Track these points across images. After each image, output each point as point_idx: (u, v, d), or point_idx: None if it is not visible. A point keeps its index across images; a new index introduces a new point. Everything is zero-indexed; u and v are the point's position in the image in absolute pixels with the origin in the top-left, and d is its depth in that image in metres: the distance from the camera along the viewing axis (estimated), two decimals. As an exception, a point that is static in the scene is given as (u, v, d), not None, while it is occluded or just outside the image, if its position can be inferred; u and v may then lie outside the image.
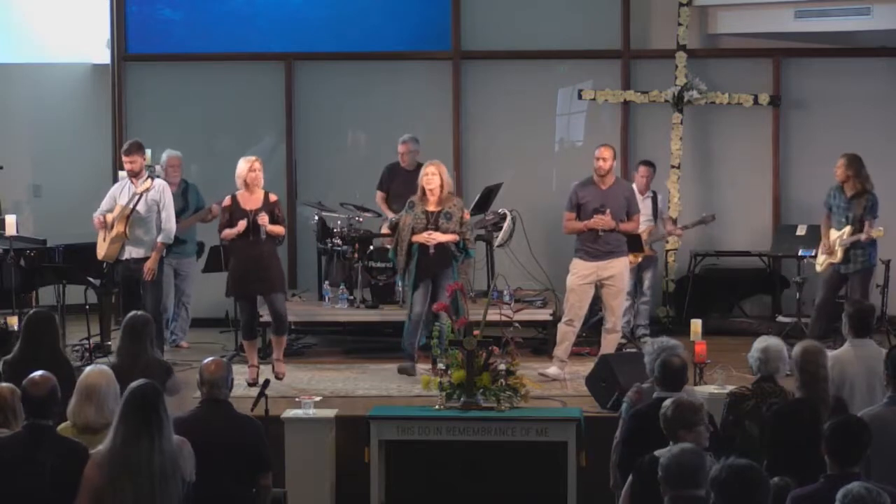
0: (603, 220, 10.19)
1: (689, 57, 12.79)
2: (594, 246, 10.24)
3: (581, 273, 10.27)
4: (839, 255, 10.67)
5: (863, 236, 10.59)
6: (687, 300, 12.52)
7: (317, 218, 11.96)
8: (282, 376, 10.12)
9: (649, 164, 12.08)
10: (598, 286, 10.29)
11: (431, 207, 10.22)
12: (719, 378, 9.11)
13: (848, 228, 10.65)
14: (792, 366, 7.00)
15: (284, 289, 10.32)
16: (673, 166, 12.74)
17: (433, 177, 10.19)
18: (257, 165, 10.07)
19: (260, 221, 9.91)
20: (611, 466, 7.38)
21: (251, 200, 10.03)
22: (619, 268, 10.30)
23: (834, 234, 10.77)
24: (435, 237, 10.14)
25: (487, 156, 13.17)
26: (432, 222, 10.18)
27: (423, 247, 10.15)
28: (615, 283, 10.27)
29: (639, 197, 11.57)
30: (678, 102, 12.71)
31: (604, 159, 10.27)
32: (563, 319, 10.37)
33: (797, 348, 7.01)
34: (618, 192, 10.35)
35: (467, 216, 10.43)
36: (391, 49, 13.18)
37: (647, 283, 11.88)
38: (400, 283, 11.13)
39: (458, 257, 10.24)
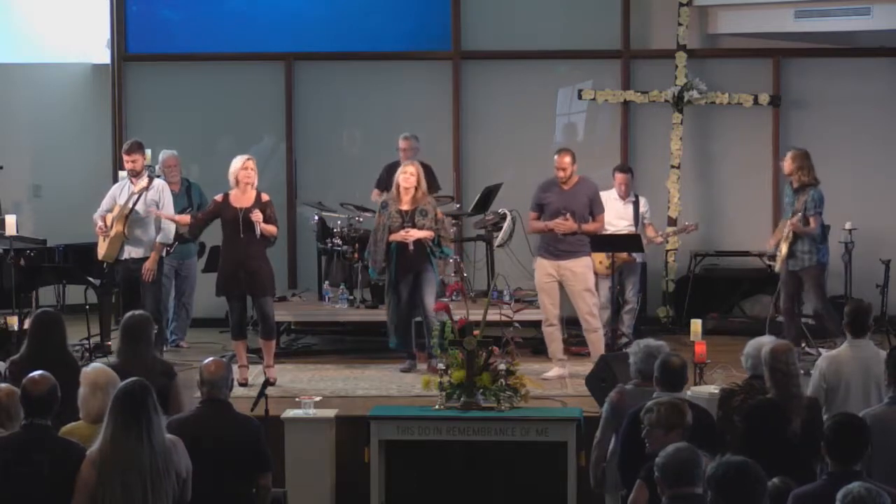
0: (563, 225, 10.17)
1: (689, 57, 12.78)
2: (555, 245, 10.25)
3: (544, 271, 10.29)
4: (783, 250, 10.46)
5: (790, 226, 10.30)
6: (687, 300, 12.52)
7: (317, 218, 11.95)
8: (273, 381, 10.09)
9: (625, 169, 11.74)
10: (561, 286, 10.27)
11: (405, 207, 10.31)
12: (719, 378, 9.11)
13: (790, 223, 10.41)
14: (763, 366, 6.99)
15: (273, 291, 10.20)
16: (673, 166, 12.73)
17: (411, 176, 10.29)
18: (250, 164, 9.99)
19: (254, 218, 9.82)
20: (590, 466, 7.39)
21: (243, 199, 9.97)
22: (580, 268, 10.25)
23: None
24: (412, 234, 10.22)
25: (487, 156, 13.16)
26: (408, 220, 10.27)
27: (402, 245, 10.24)
28: (576, 282, 10.22)
29: (620, 203, 11.49)
30: (678, 102, 12.70)
31: (563, 169, 10.24)
32: (543, 322, 10.37)
33: (765, 348, 7.02)
34: (580, 192, 10.32)
35: (441, 214, 10.48)
36: (391, 49, 13.18)
37: (630, 292, 11.46)
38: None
39: (435, 253, 10.31)
